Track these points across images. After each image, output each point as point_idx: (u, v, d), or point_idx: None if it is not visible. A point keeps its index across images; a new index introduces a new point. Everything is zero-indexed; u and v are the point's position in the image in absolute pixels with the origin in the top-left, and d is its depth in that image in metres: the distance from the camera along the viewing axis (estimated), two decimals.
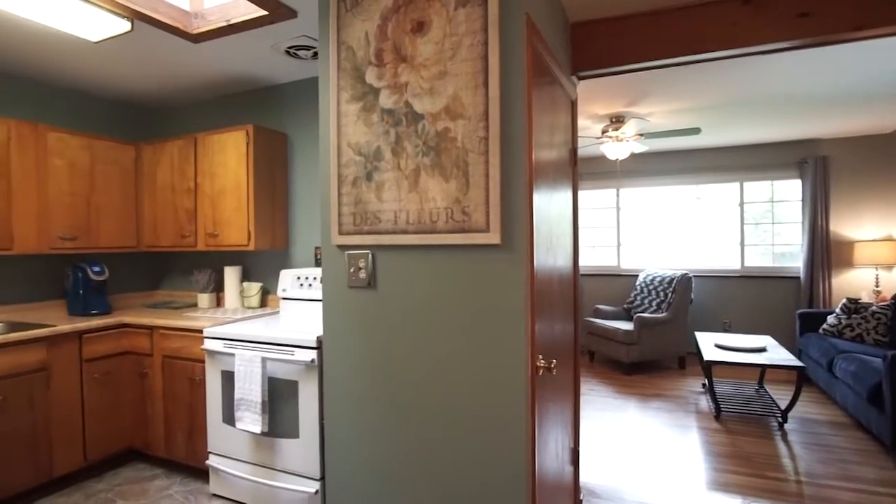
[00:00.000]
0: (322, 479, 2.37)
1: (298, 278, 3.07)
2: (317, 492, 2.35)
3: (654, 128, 4.73)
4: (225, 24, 2.47)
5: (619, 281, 6.42)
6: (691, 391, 4.60)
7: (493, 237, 1.59)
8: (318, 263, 3.26)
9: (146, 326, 3.05)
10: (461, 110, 1.64)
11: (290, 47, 2.77)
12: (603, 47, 2.37)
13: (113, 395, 3.07)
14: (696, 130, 4.22)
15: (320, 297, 2.99)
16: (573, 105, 2.54)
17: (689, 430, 3.66)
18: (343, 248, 1.85)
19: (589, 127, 4.70)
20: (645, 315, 5.11)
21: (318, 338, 2.34)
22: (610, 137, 4.46)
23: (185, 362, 2.89)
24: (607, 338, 5.34)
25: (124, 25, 2.42)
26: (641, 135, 4.47)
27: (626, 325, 5.26)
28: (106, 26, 2.43)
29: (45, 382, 2.74)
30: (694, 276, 6.00)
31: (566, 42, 2.37)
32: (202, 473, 2.97)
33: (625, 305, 5.90)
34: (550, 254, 1.95)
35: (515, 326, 1.58)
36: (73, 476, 2.93)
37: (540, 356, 1.73)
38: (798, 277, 5.55)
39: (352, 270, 1.82)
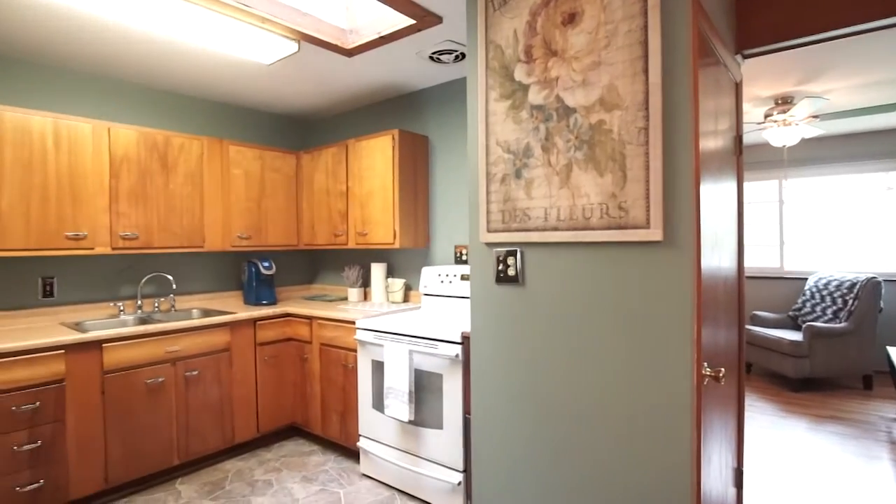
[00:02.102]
0: (465, 471, 2.43)
1: (439, 275, 3.18)
2: (460, 483, 2.41)
3: (832, 108, 4.08)
4: (376, 36, 2.64)
5: (781, 284, 5.67)
6: (882, 416, 3.89)
7: (654, 234, 1.48)
8: (457, 261, 3.35)
9: (306, 317, 3.38)
10: (617, 101, 1.56)
11: (433, 52, 2.87)
12: (777, 18, 2.09)
13: (279, 376, 3.46)
14: (894, 107, 3.55)
15: (460, 294, 3.06)
16: (738, 87, 2.29)
17: (879, 462, 3.10)
18: (491, 245, 1.86)
19: (748, 111, 4.21)
20: (818, 324, 4.44)
21: (462, 334, 2.40)
22: (775, 122, 3.95)
23: (339, 350, 3.16)
24: (769, 348, 4.74)
25: (293, 47, 2.71)
26: (816, 116, 3.89)
27: (794, 335, 4.62)
28: (277, 50, 2.74)
29: (228, 361, 3.18)
30: (884, 280, 5.07)
31: (731, 17, 2.14)
32: (353, 454, 3.22)
33: (790, 313, 5.19)
34: (716, 253, 1.77)
35: (679, 330, 1.46)
36: (249, 444, 3.36)
37: (705, 364, 1.58)
38: None
39: (500, 268, 1.83)
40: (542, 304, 1.73)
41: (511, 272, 1.80)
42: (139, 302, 3.33)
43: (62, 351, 2.50)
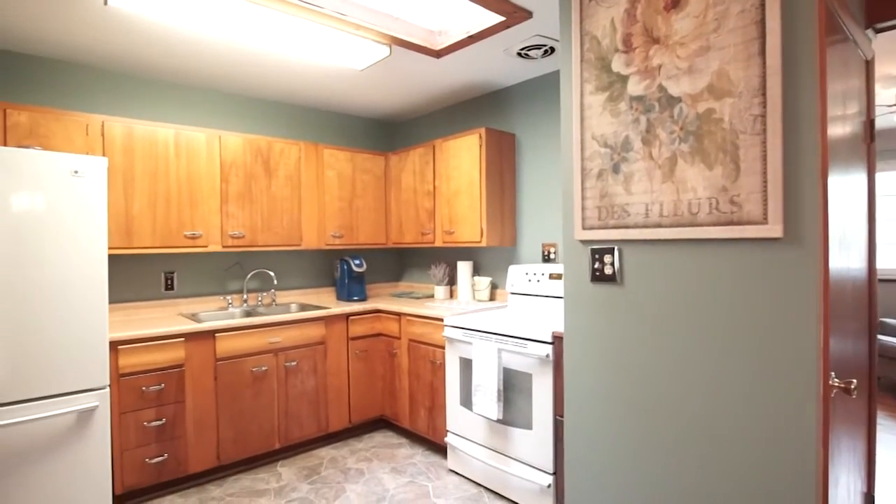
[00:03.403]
0: (555, 473, 2.38)
1: (526, 274, 3.14)
2: (549, 485, 2.37)
3: None
4: (465, 36, 2.66)
5: None
6: None
7: (773, 230, 1.36)
8: (545, 260, 3.29)
9: (395, 313, 3.48)
10: (728, 87, 1.45)
11: (522, 49, 2.84)
12: None
13: (369, 369, 3.59)
14: None
15: (548, 293, 3.01)
16: (868, 66, 2.04)
17: None
18: (586, 242, 1.81)
19: (878, 93, 3.75)
20: None
21: (552, 333, 2.35)
22: None
23: (427, 347, 3.22)
24: None
25: (384, 52, 2.80)
26: None
27: None
28: (370, 55, 2.84)
29: (323, 354, 3.36)
30: None
31: None
32: (440, 448, 3.27)
33: None
34: (843, 251, 1.59)
35: (803, 335, 1.33)
36: (341, 434, 3.52)
37: (832, 374, 1.43)
38: None
39: (596, 266, 1.77)
40: (643, 305, 1.65)
41: (608, 271, 1.73)
42: (245, 296, 3.61)
43: (183, 339, 2.77)
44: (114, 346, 2.56)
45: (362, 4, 2.46)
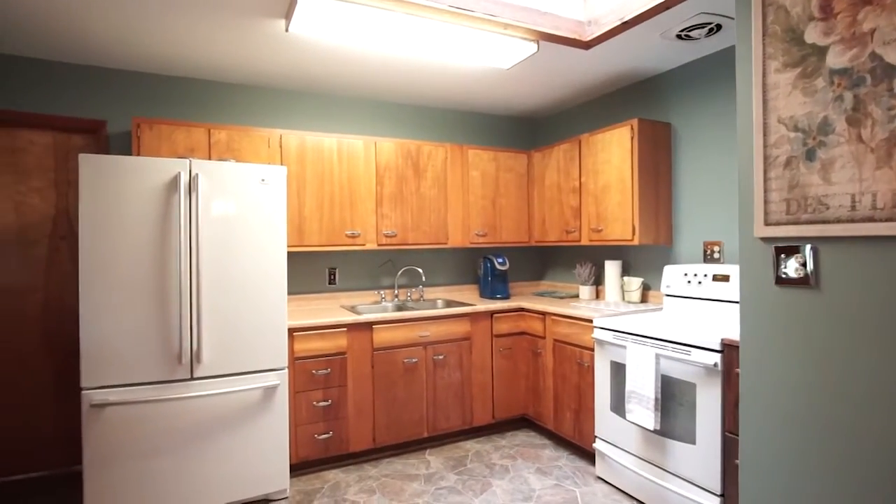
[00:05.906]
0: (723, 495, 2.15)
1: (685, 275, 2.88)
2: None
3: None
4: (619, 23, 2.52)
5: None
6: None
7: None
8: (706, 259, 2.99)
9: (539, 312, 3.44)
10: None
11: (682, 30, 2.61)
12: None
13: (512, 367, 3.60)
14: None
15: (711, 296, 2.73)
16: None
17: None
18: (769, 240, 1.60)
19: None
20: None
21: (722, 341, 2.13)
22: None
23: (573, 348, 3.13)
24: None
25: (531, 48, 2.77)
26: None
27: None
28: (517, 53, 2.83)
29: (468, 349, 3.44)
30: None
31: None
32: (586, 454, 3.16)
33: None
34: None
35: None
36: (484, 429, 3.58)
37: None
38: None
39: (782, 267, 1.55)
40: (848, 313, 1.40)
41: (798, 272, 1.51)
42: (396, 291, 3.84)
43: (345, 329, 3.04)
44: (290, 332, 2.90)
45: (510, 3, 2.47)
